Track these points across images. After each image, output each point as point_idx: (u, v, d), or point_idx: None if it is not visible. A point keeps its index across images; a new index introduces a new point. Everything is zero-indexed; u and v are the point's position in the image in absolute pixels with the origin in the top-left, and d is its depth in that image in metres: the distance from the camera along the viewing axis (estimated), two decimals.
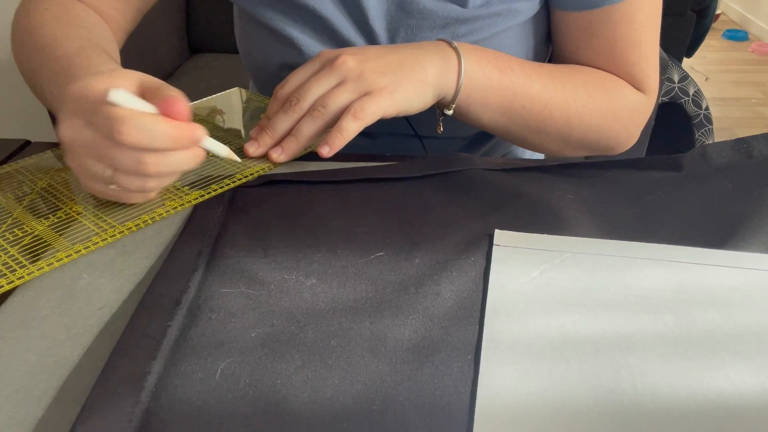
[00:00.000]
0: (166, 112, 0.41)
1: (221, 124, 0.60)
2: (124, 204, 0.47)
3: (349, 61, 0.51)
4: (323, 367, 0.33)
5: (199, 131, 0.42)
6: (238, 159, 0.48)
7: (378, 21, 0.61)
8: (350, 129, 0.49)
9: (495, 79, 0.56)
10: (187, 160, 0.43)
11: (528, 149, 0.67)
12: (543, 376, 0.33)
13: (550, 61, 0.68)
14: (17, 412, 0.32)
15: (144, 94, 0.42)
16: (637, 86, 0.63)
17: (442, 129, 0.59)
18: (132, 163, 0.41)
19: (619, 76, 0.62)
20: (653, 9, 0.60)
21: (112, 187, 0.43)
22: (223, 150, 0.46)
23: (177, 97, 0.41)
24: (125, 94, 0.40)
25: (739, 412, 0.31)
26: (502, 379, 0.32)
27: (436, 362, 0.34)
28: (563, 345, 0.35)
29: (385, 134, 0.51)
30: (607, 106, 0.61)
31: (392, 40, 0.62)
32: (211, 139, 0.45)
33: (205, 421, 0.30)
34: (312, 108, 0.51)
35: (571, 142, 0.62)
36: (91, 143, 0.41)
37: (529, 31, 0.64)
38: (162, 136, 0.41)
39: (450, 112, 0.56)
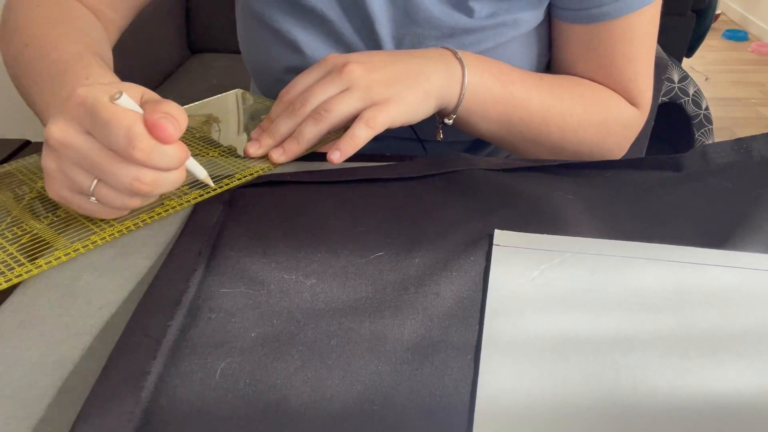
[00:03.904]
0: (153, 133, 0.39)
1: (217, 133, 0.60)
2: None
3: (357, 69, 0.51)
4: (323, 367, 0.33)
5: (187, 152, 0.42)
6: (212, 184, 0.48)
7: (384, 28, 0.61)
8: (362, 136, 0.50)
9: (496, 92, 0.57)
10: (175, 181, 0.42)
11: (522, 157, 0.68)
12: (543, 376, 0.33)
13: (548, 70, 0.69)
14: (17, 412, 0.32)
15: (142, 107, 0.41)
16: (632, 101, 0.64)
17: (441, 136, 0.60)
18: (128, 180, 0.40)
19: (615, 91, 0.64)
20: (651, 26, 0.61)
21: (92, 200, 0.41)
22: (201, 172, 0.46)
23: (168, 122, 0.39)
24: (130, 101, 0.40)
25: (739, 412, 0.31)
26: (502, 379, 0.32)
27: (436, 362, 0.34)
28: (563, 345, 0.35)
29: (387, 138, 0.51)
30: (601, 121, 0.62)
31: (398, 47, 0.62)
32: (193, 159, 0.45)
33: (205, 421, 0.30)
34: (314, 111, 0.51)
35: (564, 153, 0.63)
36: (86, 152, 0.40)
37: (533, 40, 0.64)
38: (171, 158, 0.40)
39: (450, 122, 0.57)
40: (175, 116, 0.40)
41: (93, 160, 0.40)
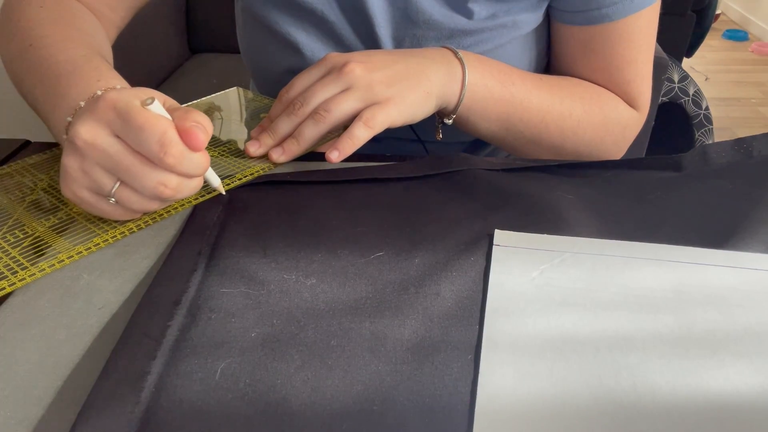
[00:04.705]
0: (185, 140, 0.41)
1: (219, 122, 0.60)
2: None
3: (357, 69, 0.51)
4: (323, 367, 0.33)
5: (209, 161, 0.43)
6: (223, 192, 0.48)
7: (384, 29, 0.61)
8: (361, 136, 0.50)
9: (496, 92, 0.57)
10: (194, 188, 0.43)
11: (522, 157, 0.68)
12: (543, 376, 0.33)
13: (547, 72, 0.69)
14: (17, 412, 0.32)
15: (171, 114, 0.42)
16: (630, 103, 0.64)
17: (441, 136, 0.60)
18: (153, 183, 0.41)
19: (614, 92, 0.64)
20: (650, 28, 0.61)
21: (111, 201, 0.42)
22: (216, 180, 0.47)
23: (200, 130, 0.41)
24: (161, 107, 0.41)
25: (738, 412, 0.31)
26: (502, 379, 0.32)
27: (436, 362, 0.34)
28: (563, 345, 0.35)
29: (387, 138, 0.51)
30: (600, 122, 0.62)
31: (398, 48, 0.62)
32: (211, 168, 0.46)
33: (205, 421, 0.30)
34: (314, 111, 0.51)
35: (563, 153, 0.63)
36: (113, 154, 0.40)
37: (532, 42, 0.64)
38: (198, 165, 0.42)
39: (450, 122, 0.57)
40: (205, 125, 0.41)
41: (119, 162, 0.40)
